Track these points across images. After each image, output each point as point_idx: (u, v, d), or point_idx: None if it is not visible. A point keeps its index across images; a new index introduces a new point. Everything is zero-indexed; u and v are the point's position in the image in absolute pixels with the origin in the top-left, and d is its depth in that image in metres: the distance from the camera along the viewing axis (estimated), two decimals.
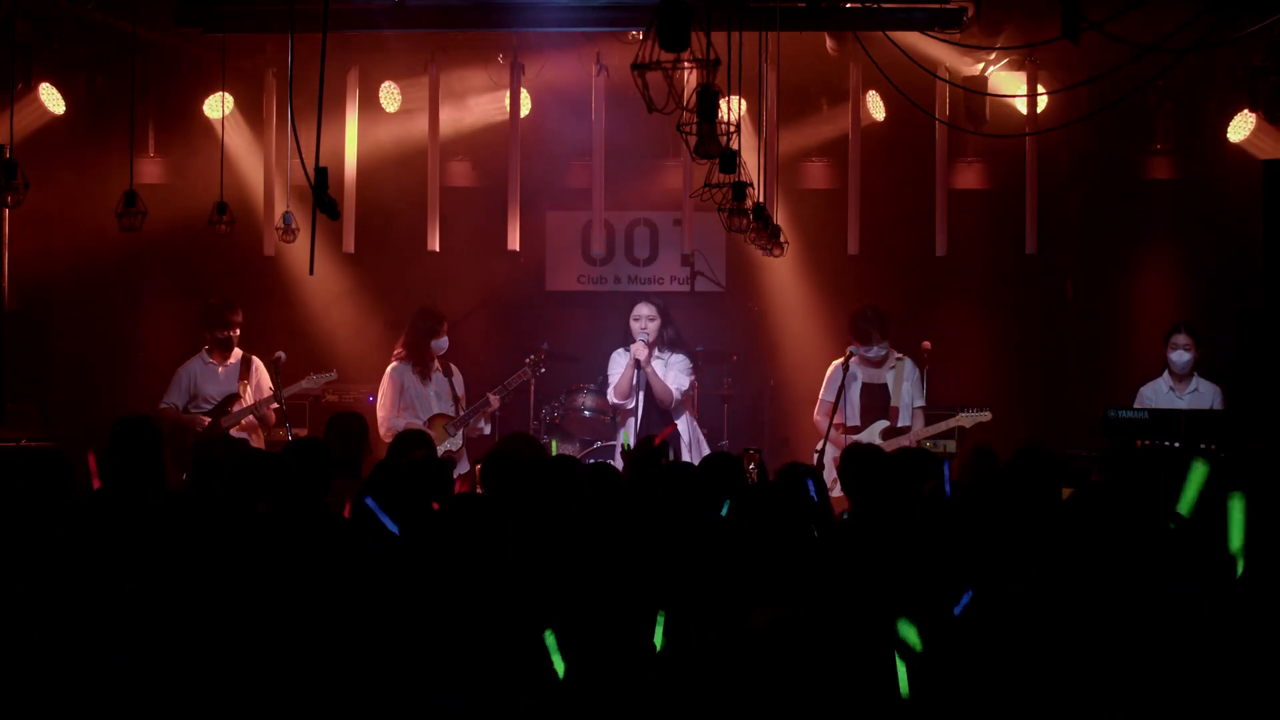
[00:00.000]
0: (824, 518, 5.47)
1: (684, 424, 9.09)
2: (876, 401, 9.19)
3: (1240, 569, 3.88)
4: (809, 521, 4.25)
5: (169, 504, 4.51)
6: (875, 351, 9.18)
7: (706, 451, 8.99)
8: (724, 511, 4.54)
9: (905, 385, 9.23)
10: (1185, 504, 4.55)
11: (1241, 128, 9.99)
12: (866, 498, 5.55)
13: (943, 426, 9.06)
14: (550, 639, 3.63)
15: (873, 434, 9.06)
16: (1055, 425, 10.45)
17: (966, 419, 9.09)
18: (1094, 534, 4.31)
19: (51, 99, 10.02)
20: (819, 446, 9.03)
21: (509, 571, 4.15)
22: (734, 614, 3.12)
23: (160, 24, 9.25)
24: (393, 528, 4.85)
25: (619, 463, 8.80)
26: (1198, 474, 4.56)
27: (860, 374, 9.20)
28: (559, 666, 3.31)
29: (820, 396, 9.43)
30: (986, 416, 9.10)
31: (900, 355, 9.34)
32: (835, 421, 9.14)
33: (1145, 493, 5.09)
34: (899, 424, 9.13)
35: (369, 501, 4.90)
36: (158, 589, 4.06)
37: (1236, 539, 3.89)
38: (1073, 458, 8.21)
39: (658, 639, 3.46)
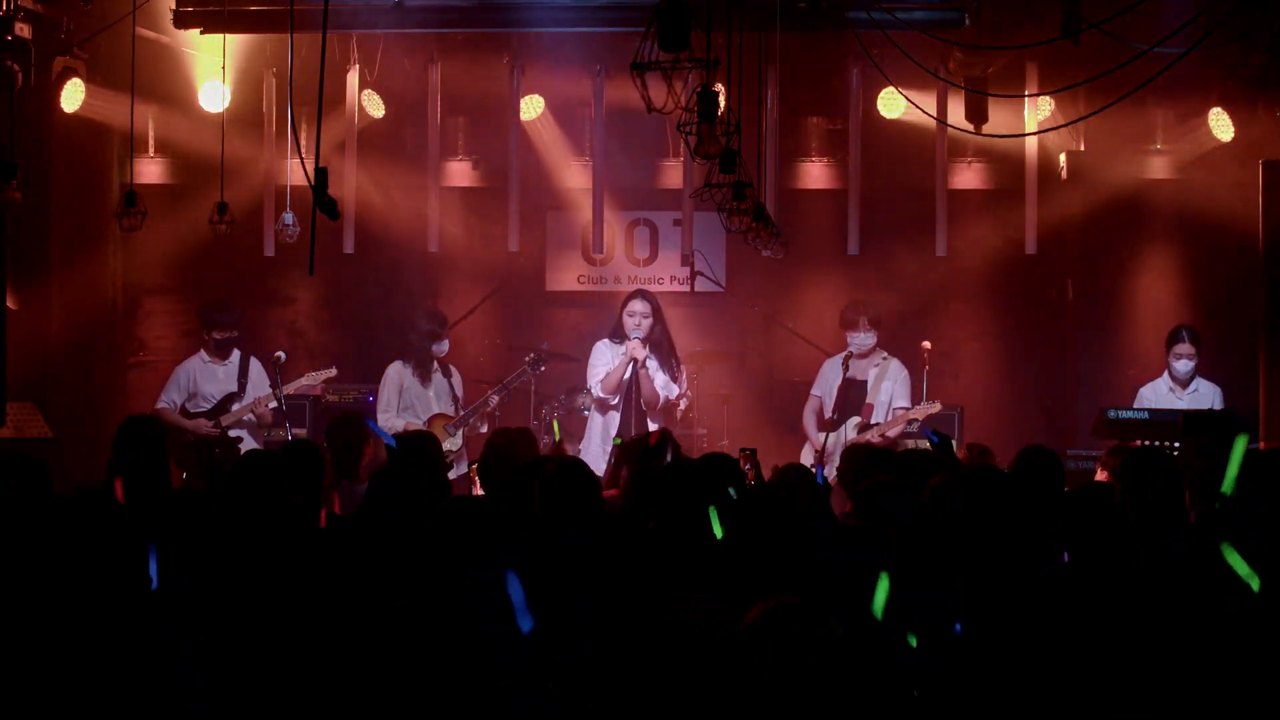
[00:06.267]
0: (825, 517, 5.47)
1: (652, 429, 9.04)
2: (854, 397, 9.17)
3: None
4: (805, 522, 4.25)
5: (182, 502, 4.51)
6: (861, 339, 9.16)
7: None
8: (715, 525, 4.47)
9: (886, 384, 9.20)
10: (1228, 483, 4.51)
11: (1225, 128, 9.97)
12: (865, 496, 5.54)
13: (902, 421, 9.02)
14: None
15: (848, 430, 9.05)
16: (1055, 425, 10.45)
17: (919, 411, 9.04)
18: (1095, 533, 4.31)
19: (70, 97, 9.97)
20: (816, 456, 9.00)
21: (506, 572, 4.14)
22: (731, 614, 3.13)
23: (160, 23, 9.25)
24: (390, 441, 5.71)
25: (596, 453, 8.79)
26: (1238, 449, 4.52)
27: (842, 370, 9.18)
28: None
29: (810, 392, 9.46)
30: (936, 408, 9.03)
31: (886, 355, 9.31)
32: (820, 419, 9.20)
33: (1149, 492, 5.10)
34: (870, 421, 9.11)
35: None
36: (167, 586, 4.06)
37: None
38: (1073, 458, 8.22)
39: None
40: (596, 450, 8.94)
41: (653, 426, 8.96)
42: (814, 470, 8.56)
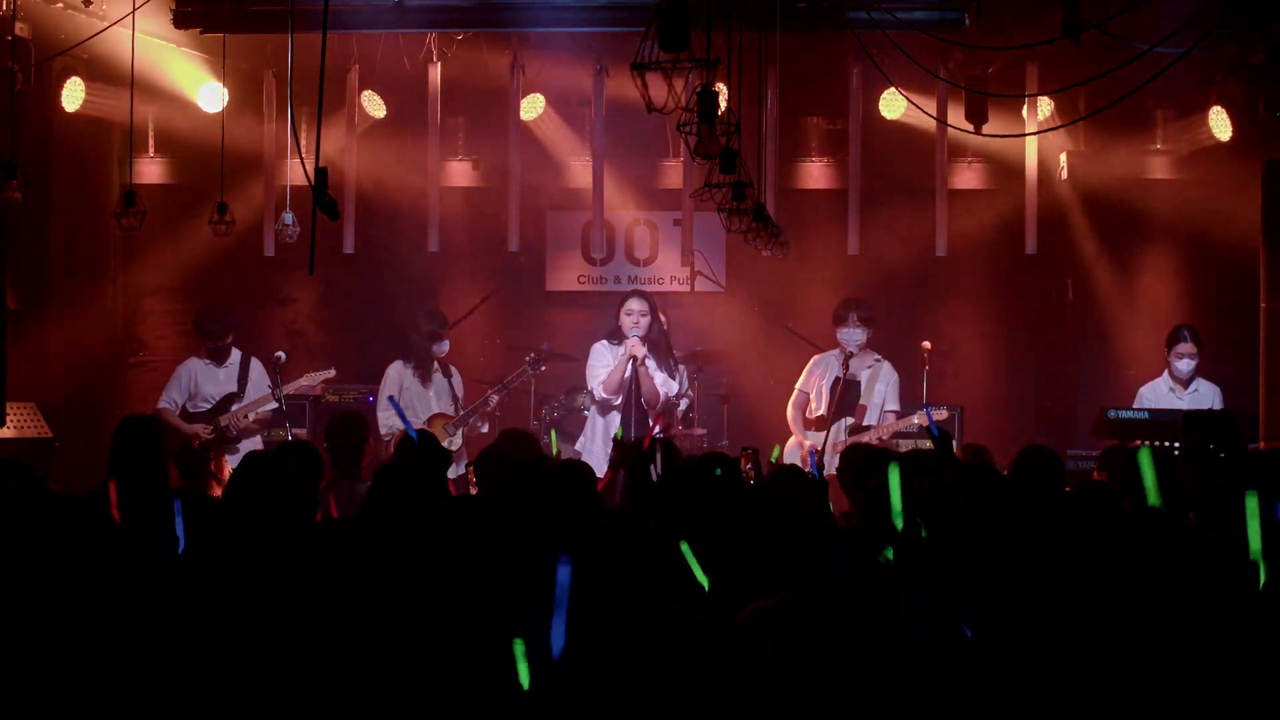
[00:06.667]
0: (822, 517, 5.46)
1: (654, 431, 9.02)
2: (849, 397, 9.16)
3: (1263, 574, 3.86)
4: (805, 522, 4.25)
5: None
6: (849, 334, 9.14)
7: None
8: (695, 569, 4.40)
9: (879, 386, 9.19)
10: (1152, 496, 4.55)
11: (1224, 128, 9.97)
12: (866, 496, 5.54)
13: (901, 424, 9.01)
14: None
15: (839, 431, 9.04)
16: (1055, 425, 10.45)
17: (923, 417, 9.05)
18: (1096, 532, 4.31)
19: (71, 95, 9.95)
20: (819, 445, 9.00)
21: (507, 573, 4.15)
22: (731, 614, 3.13)
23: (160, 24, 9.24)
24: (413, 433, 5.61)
25: (599, 454, 8.78)
26: (1145, 463, 4.57)
27: (841, 371, 9.17)
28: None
29: (796, 387, 9.38)
30: (943, 414, 9.05)
31: (879, 357, 9.30)
32: (806, 416, 9.18)
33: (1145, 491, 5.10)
34: (863, 423, 9.10)
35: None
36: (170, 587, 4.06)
37: (1255, 542, 3.87)
38: (1073, 458, 8.21)
39: None
40: (599, 451, 8.93)
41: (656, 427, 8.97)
42: (810, 470, 8.57)
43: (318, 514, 5.73)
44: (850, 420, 9.11)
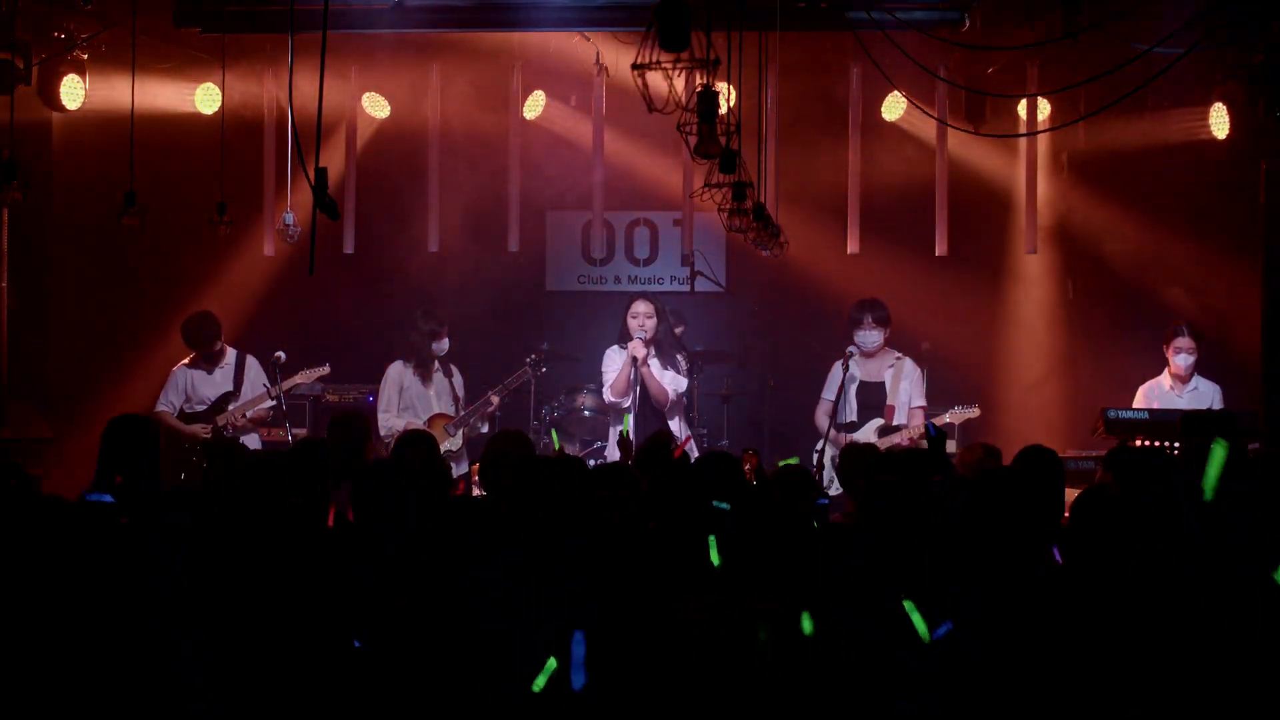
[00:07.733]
0: (820, 517, 5.47)
1: (675, 426, 9.04)
2: (873, 399, 9.15)
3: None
4: (803, 523, 4.25)
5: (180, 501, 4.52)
6: (867, 336, 9.13)
7: (694, 455, 8.89)
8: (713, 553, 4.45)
9: (904, 384, 9.18)
10: (1209, 485, 4.60)
11: (1223, 127, 9.96)
12: (867, 496, 5.54)
13: (921, 427, 9.01)
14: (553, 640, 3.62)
15: (868, 432, 9.03)
16: (1055, 425, 10.45)
17: (955, 415, 9.07)
18: (1100, 533, 4.32)
19: (71, 94, 9.94)
20: (819, 446, 9.01)
21: (507, 573, 4.15)
22: (731, 614, 3.13)
23: (160, 23, 9.25)
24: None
25: (612, 454, 8.79)
26: (1218, 456, 4.63)
27: (859, 372, 9.17)
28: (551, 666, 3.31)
29: (822, 395, 9.40)
30: (975, 413, 9.06)
31: (900, 355, 9.30)
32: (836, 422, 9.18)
33: (1148, 492, 5.11)
34: (894, 422, 9.10)
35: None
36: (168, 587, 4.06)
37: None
38: (1073, 458, 8.21)
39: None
40: (616, 455, 8.94)
41: (675, 426, 8.98)
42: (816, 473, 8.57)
43: (330, 512, 5.72)
44: (880, 421, 9.11)
